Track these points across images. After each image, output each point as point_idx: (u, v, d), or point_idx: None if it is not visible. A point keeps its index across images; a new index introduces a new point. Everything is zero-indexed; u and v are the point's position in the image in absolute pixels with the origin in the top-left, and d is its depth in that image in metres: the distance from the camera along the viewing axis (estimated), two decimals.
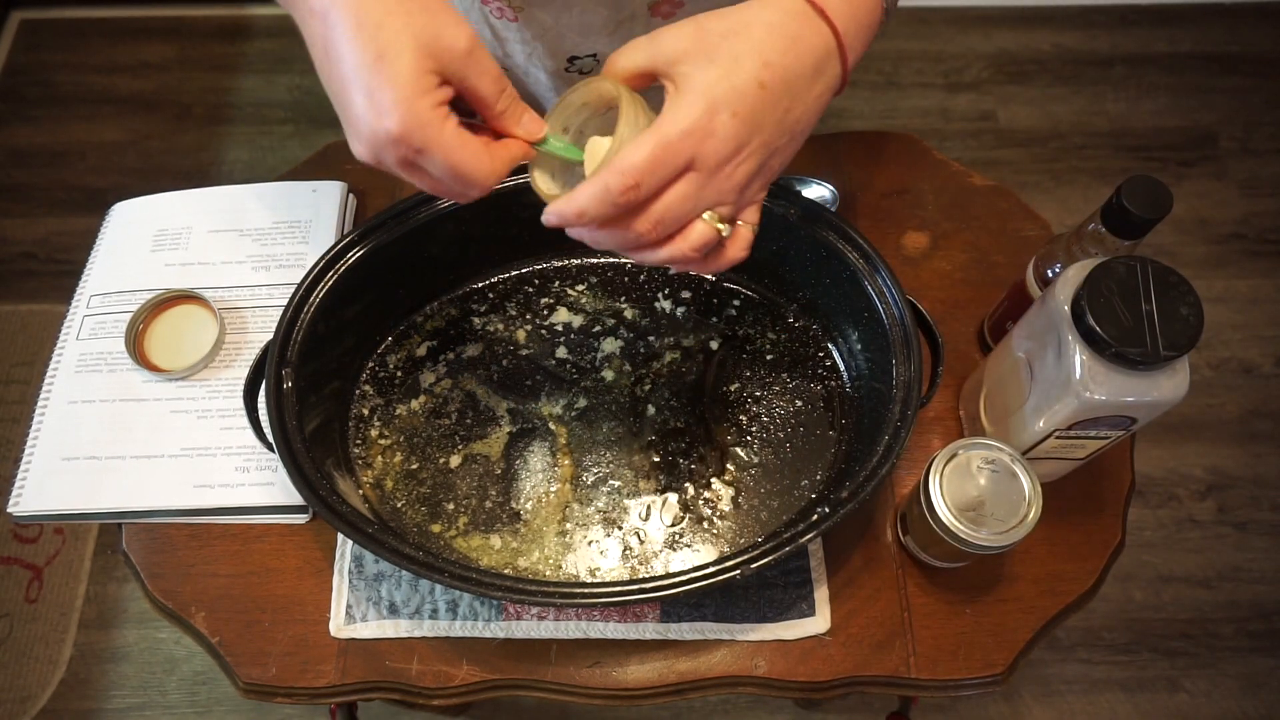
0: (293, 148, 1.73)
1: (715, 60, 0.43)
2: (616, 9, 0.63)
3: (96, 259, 0.73)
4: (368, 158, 0.44)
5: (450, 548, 0.61)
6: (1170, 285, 0.49)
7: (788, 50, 0.45)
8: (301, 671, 0.59)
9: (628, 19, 0.65)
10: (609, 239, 0.46)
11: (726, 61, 0.43)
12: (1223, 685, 1.28)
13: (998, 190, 0.76)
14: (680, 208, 0.44)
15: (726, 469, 0.63)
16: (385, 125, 0.41)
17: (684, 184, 0.44)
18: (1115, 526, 0.63)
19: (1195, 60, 1.83)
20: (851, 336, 0.65)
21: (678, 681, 0.59)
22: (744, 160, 0.45)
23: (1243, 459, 1.43)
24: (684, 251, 0.46)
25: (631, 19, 0.65)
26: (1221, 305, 1.56)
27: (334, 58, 0.42)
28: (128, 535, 0.64)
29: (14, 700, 1.24)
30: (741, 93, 0.43)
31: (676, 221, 0.45)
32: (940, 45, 1.85)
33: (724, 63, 0.43)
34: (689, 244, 0.46)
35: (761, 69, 0.44)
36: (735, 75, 0.43)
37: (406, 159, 0.43)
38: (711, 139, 0.43)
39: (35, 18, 1.88)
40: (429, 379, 0.67)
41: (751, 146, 0.45)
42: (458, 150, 0.43)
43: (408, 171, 0.45)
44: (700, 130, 0.43)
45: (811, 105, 0.47)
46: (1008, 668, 0.59)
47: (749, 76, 0.43)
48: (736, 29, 0.44)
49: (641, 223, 0.45)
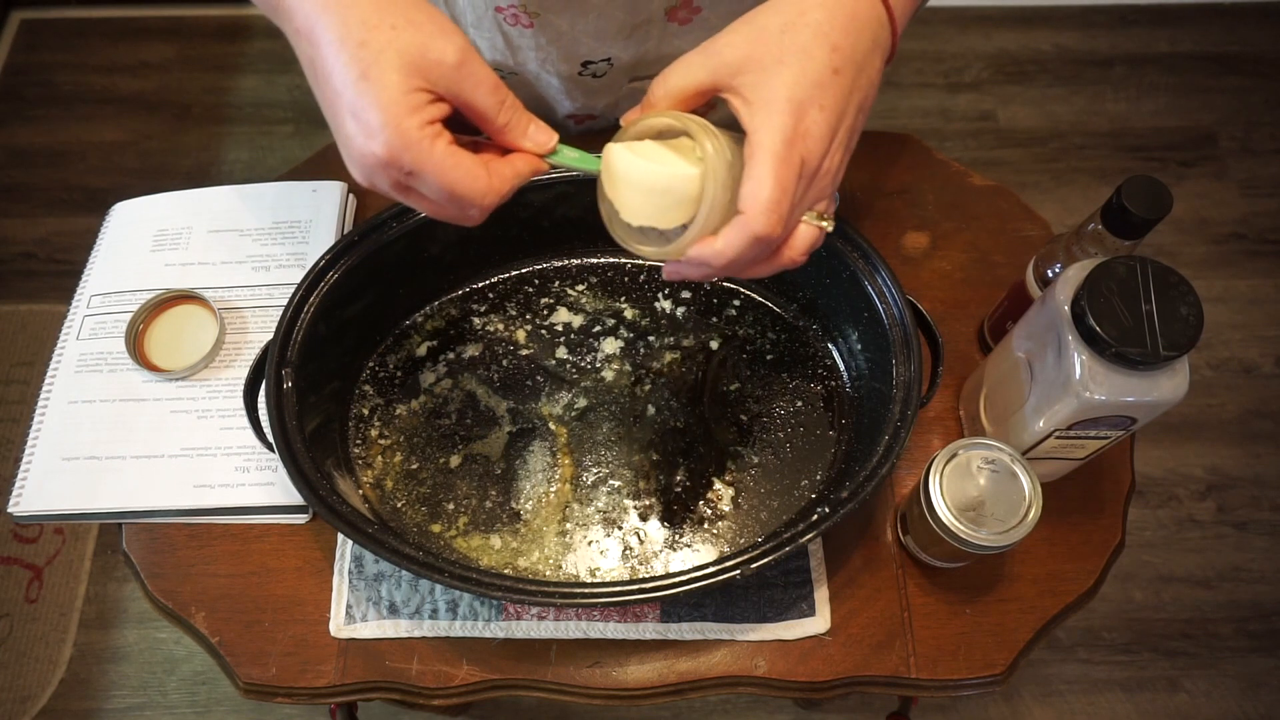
0: (293, 148, 1.73)
1: (785, 60, 0.42)
2: (633, 13, 0.63)
3: (96, 259, 0.73)
4: (362, 181, 0.43)
5: (450, 548, 0.61)
6: (1170, 285, 0.49)
7: (849, 29, 0.43)
8: (301, 671, 0.59)
9: (643, 23, 0.64)
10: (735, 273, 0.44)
11: (797, 58, 0.42)
12: (1223, 685, 1.28)
13: (998, 190, 0.76)
14: (796, 218, 0.43)
15: (726, 469, 0.63)
16: (372, 148, 0.40)
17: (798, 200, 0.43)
18: (1115, 526, 0.63)
19: (1195, 60, 1.83)
20: (851, 336, 0.65)
21: (678, 681, 0.59)
22: (836, 149, 0.44)
23: (1243, 459, 1.43)
24: (794, 259, 0.45)
25: (647, 23, 0.64)
26: (1221, 305, 1.57)
27: (321, 78, 0.41)
28: (128, 535, 0.64)
29: (14, 700, 1.25)
30: (822, 85, 0.42)
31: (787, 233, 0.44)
32: (940, 45, 1.85)
33: (795, 60, 0.42)
34: (798, 250, 0.45)
35: (832, 54, 0.42)
36: (810, 69, 0.42)
37: (399, 182, 0.42)
38: (809, 139, 0.42)
39: (35, 18, 1.88)
40: (429, 379, 0.67)
41: (840, 135, 0.44)
42: (450, 170, 0.41)
43: (403, 195, 0.43)
44: (799, 136, 0.41)
45: (875, 78, 0.46)
46: (1008, 668, 0.59)
47: (823, 66, 0.42)
48: (793, 20, 0.42)
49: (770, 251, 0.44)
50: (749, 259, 0.42)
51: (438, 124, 0.41)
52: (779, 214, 0.41)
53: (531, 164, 0.45)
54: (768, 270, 0.46)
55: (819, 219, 0.45)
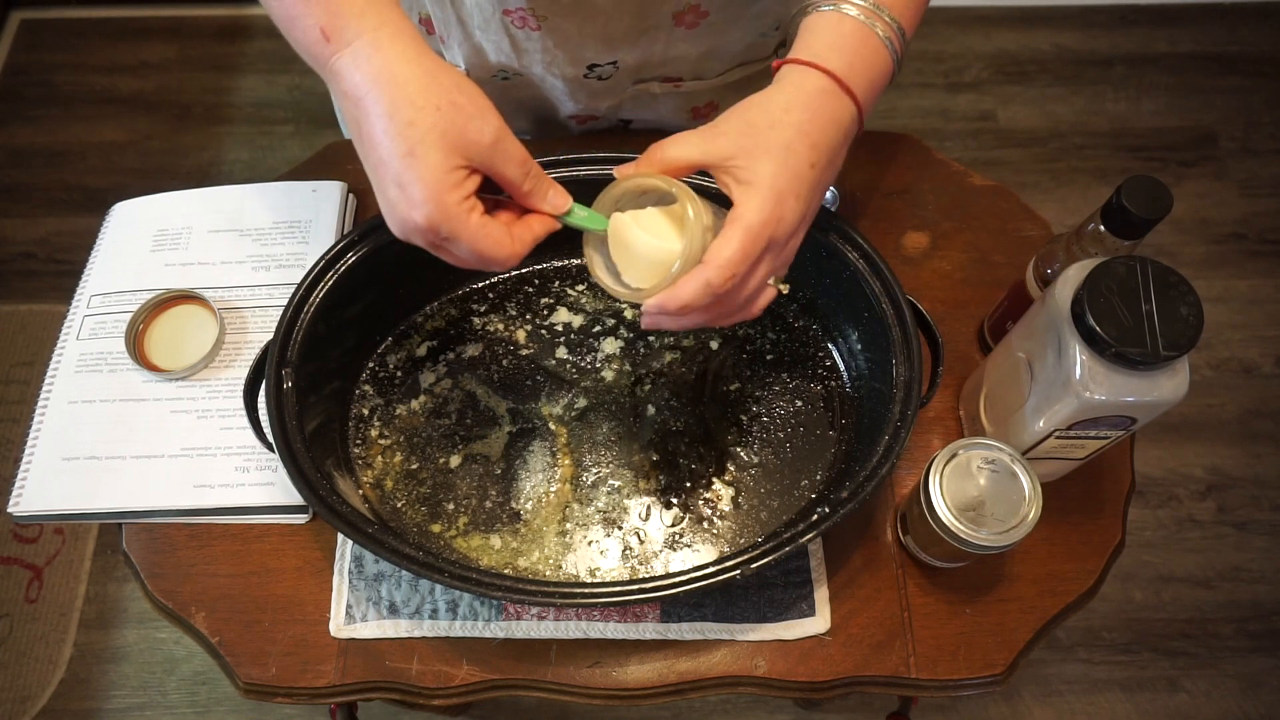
0: (293, 148, 1.73)
1: (771, 153, 0.48)
2: (640, 18, 0.63)
3: (96, 259, 0.73)
4: (400, 236, 0.48)
5: (450, 548, 0.61)
6: (1170, 285, 0.49)
7: (826, 129, 0.49)
8: (301, 671, 0.59)
9: (651, 28, 0.65)
10: (696, 321, 0.50)
11: (780, 153, 0.48)
12: (1223, 685, 1.28)
13: (998, 190, 0.76)
14: (759, 284, 0.50)
15: (726, 469, 0.63)
16: (414, 217, 0.46)
17: (763, 265, 0.49)
18: (1115, 526, 0.63)
19: (1195, 60, 1.83)
20: (851, 336, 0.65)
21: (678, 681, 0.59)
22: (800, 229, 0.50)
23: (1243, 459, 1.43)
24: (754, 314, 0.52)
25: (655, 28, 0.65)
26: (1221, 305, 1.57)
27: (367, 142, 0.47)
28: (128, 535, 0.64)
29: (14, 700, 1.25)
30: (800, 177, 0.48)
31: (755, 296, 0.50)
32: (940, 45, 1.85)
33: (778, 154, 0.48)
34: (759, 307, 0.51)
35: (810, 151, 0.48)
36: (791, 163, 0.48)
37: (434, 243, 0.48)
38: (782, 223, 0.48)
39: (35, 18, 1.88)
40: (429, 379, 0.67)
41: (807, 217, 0.50)
42: (482, 239, 0.47)
43: (436, 251, 0.49)
44: (774, 218, 0.47)
45: (840, 164, 0.53)
46: (1008, 668, 0.59)
47: (802, 161, 0.48)
48: (779, 119, 0.49)
49: (729, 302, 0.49)
50: (702, 305, 0.47)
51: (472, 197, 0.47)
52: (733, 272, 0.46)
53: (547, 225, 0.51)
54: (727, 322, 0.52)
55: (778, 283, 0.52)
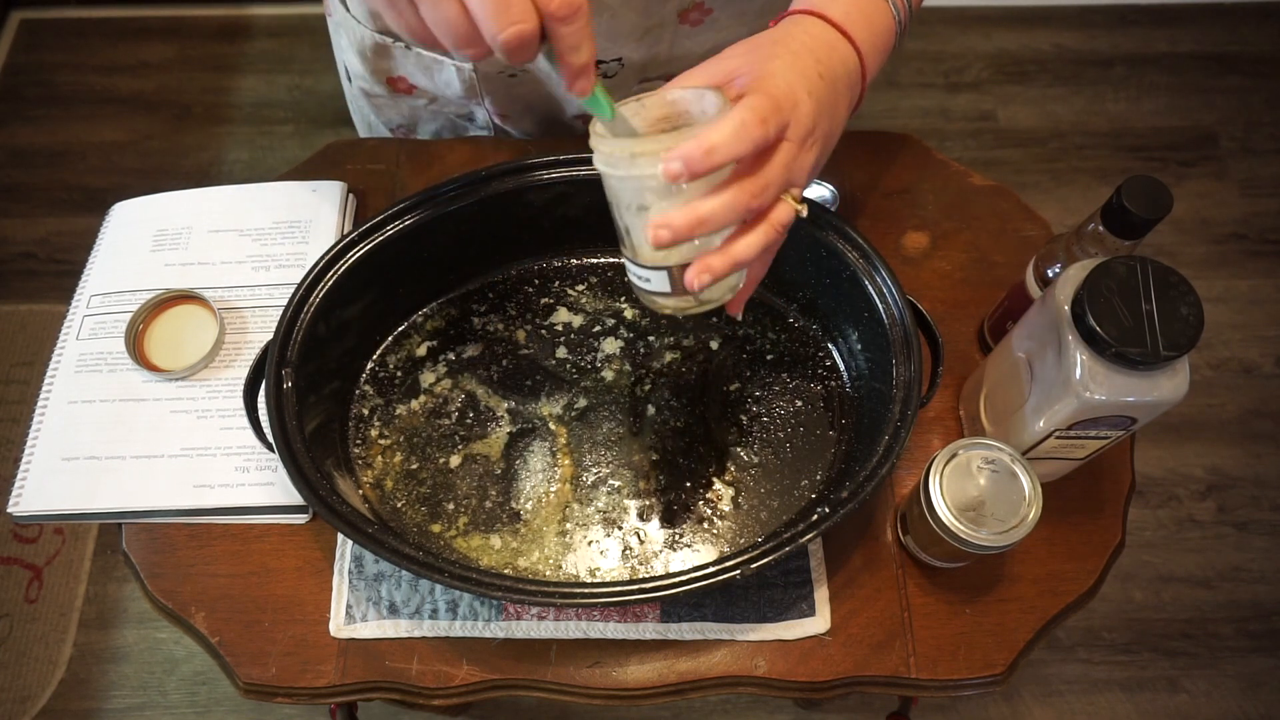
0: (293, 148, 1.73)
1: (778, 58, 0.46)
2: (646, 15, 0.63)
3: (96, 259, 0.73)
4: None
5: (450, 548, 0.61)
6: (1170, 285, 0.49)
7: (829, 55, 0.49)
8: (301, 671, 0.59)
9: (656, 25, 0.65)
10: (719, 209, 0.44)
11: (788, 58, 0.47)
12: (1223, 685, 1.28)
13: (998, 190, 0.76)
14: (778, 175, 0.45)
15: (726, 469, 0.63)
16: None
17: (781, 152, 0.45)
18: (1115, 526, 0.63)
19: (1195, 60, 1.83)
20: (851, 336, 0.65)
21: (678, 681, 0.59)
22: (815, 142, 0.48)
23: (1243, 459, 1.43)
24: (773, 234, 0.47)
25: (660, 25, 0.65)
26: (1221, 305, 1.57)
27: None
28: (128, 535, 0.64)
29: (14, 700, 1.25)
30: (809, 78, 0.47)
31: (775, 188, 0.46)
32: (940, 45, 1.85)
33: (786, 59, 0.46)
34: (778, 221, 0.47)
35: (816, 64, 0.47)
36: (798, 66, 0.47)
37: None
38: (798, 109, 0.45)
39: (35, 18, 1.88)
40: (429, 379, 0.67)
41: (820, 130, 0.48)
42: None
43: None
44: (789, 99, 0.45)
45: (844, 113, 0.50)
46: (1008, 668, 0.59)
47: (810, 68, 0.47)
48: (782, 38, 0.48)
49: (750, 185, 0.44)
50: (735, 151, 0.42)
51: None
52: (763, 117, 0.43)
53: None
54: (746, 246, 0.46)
55: (795, 201, 0.48)
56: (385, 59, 0.77)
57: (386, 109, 0.83)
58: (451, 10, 0.39)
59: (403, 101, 0.81)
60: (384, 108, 0.83)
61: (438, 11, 0.40)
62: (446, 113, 0.81)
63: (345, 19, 0.75)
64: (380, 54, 0.76)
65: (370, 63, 0.77)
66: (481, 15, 0.39)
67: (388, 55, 0.76)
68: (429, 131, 0.85)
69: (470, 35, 0.40)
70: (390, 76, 0.78)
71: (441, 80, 0.76)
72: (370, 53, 0.76)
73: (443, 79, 0.76)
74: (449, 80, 0.76)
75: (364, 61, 0.78)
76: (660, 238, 0.43)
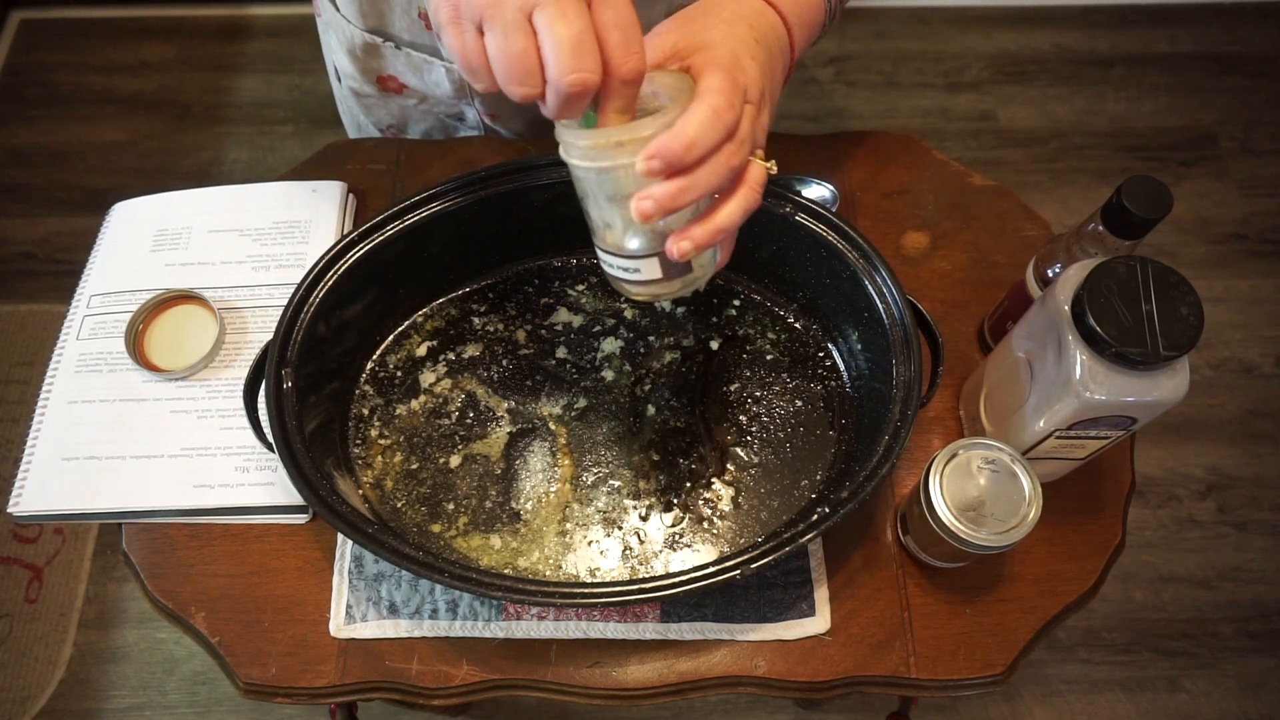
0: (293, 148, 1.73)
1: (713, 27, 0.47)
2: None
3: (96, 259, 0.73)
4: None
5: (450, 548, 0.61)
6: (1170, 285, 0.49)
7: (760, 21, 0.50)
8: (301, 671, 0.59)
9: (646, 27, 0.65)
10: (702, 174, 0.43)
11: (722, 26, 0.47)
12: (1223, 685, 1.28)
13: (998, 190, 0.76)
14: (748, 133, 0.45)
15: (726, 469, 0.63)
16: None
17: (746, 117, 0.46)
18: (1115, 526, 0.63)
19: (1195, 60, 1.83)
20: (851, 336, 0.65)
21: (678, 681, 0.59)
22: (765, 103, 0.48)
23: (1243, 459, 1.43)
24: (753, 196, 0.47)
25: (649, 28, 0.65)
26: (1221, 305, 1.57)
27: None
28: (128, 535, 0.64)
29: (14, 700, 1.25)
30: (748, 43, 0.47)
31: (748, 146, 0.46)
32: (940, 45, 1.85)
33: (721, 26, 0.47)
34: (755, 181, 0.47)
35: (750, 30, 0.49)
36: (737, 32, 0.48)
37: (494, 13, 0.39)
38: (746, 75, 0.46)
39: (35, 18, 1.88)
40: (429, 379, 0.67)
41: (766, 93, 0.48)
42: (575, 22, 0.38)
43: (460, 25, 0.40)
44: (738, 69, 0.46)
45: (780, 78, 0.51)
46: (1008, 668, 0.59)
47: (745, 34, 0.48)
48: (712, 8, 0.49)
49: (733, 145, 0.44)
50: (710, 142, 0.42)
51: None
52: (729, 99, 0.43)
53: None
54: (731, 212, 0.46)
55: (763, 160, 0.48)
56: (375, 58, 0.76)
57: (376, 109, 0.83)
58: (521, 45, 0.39)
59: (393, 101, 0.81)
60: (374, 108, 0.83)
61: (508, 42, 0.39)
62: (436, 113, 0.81)
63: (334, 18, 0.75)
64: (370, 53, 0.76)
65: (360, 62, 0.77)
66: (553, 56, 0.38)
67: (378, 54, 0.76)
68: (419, 131, 0.85)
69: (531, 73, 0.39)
70: (380, 76, 0.78)
71: (432, 80, 0.76)
72: (360, 52, 0.76)
73: (433, 79, 0.76)
74: (439, 80, 0.76)
75: (354, 61, 0.78)
76: (645, 209, 0.43)
